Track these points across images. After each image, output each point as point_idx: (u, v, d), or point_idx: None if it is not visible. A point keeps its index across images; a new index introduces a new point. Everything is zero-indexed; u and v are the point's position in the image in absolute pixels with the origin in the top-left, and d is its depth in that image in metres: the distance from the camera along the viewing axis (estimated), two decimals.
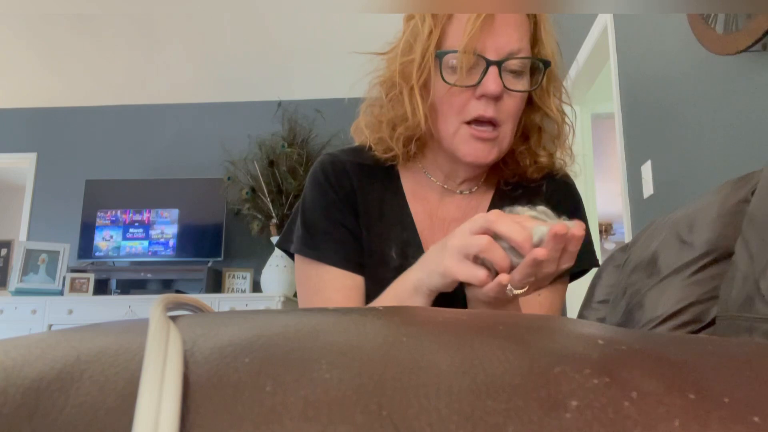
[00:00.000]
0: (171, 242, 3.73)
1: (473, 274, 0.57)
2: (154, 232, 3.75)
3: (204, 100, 4.13)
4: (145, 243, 3.73)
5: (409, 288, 0.64)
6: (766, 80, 1.29)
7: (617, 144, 2.25)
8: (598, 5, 2.25)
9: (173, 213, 3.77)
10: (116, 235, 3.75)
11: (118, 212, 3.77)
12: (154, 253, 3.71)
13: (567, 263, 0.56)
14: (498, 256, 0.56)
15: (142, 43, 3.63)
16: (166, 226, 3.75)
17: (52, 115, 4.18)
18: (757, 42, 1.22)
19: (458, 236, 0.58)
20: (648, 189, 1.96)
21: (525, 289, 0.57)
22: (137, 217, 3.77)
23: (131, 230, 3.75)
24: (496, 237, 0.56)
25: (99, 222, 3.75)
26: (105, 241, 3.73)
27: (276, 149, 3.75)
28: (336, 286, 0.77)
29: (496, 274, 0.57)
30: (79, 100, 4.15)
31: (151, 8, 3.20)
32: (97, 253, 3.71)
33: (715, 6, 1.33)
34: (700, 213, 1.02)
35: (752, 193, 0.93)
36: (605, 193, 5.83)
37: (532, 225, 0.56)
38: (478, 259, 0.58)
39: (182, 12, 3.31)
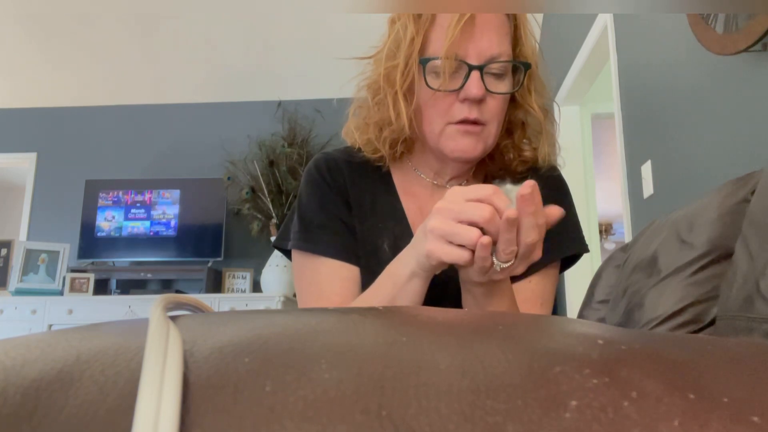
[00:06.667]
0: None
1: (458, 255, 0.58)
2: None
3: (204, 100, 4.13)
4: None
5: (406, 273, 0.64)
6: (766, 80, 1.29)
7: (617, 144, 2.25)
8: (598, 5, 2.25)
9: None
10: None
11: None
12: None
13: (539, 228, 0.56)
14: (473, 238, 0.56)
15: (142, 43, 3.63)
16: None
17: (52, 115, 4.18)
18: (757, 42, 1.23)
19: (441, 220, 0.58)
20: (648, 189, 1.96)
21: (511, 262, 0.57)
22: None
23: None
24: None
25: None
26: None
27: (276, 149, 3.74)
28: (332, 277, 0.78)
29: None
30: (79, 100, 4.14)
31: (151, 8, 3.20)
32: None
33: (715, 6, 1.33)
34: (700, 213, 1.02)
35: (752, 193, 0.93)
36: (605, 193, 5.83)
37: (502, 199, 0.56)
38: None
39: (182, 12, 3.31)
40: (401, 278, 0.65)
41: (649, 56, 1.94)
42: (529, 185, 0.54)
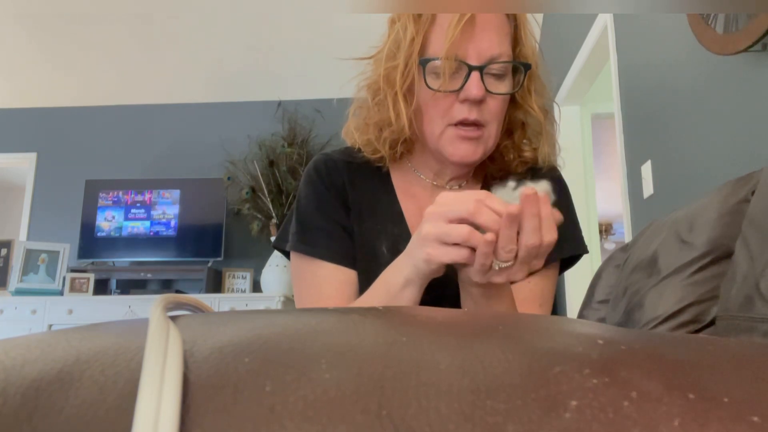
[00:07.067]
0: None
1: (456, 254, 0.58)
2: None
3: (204, 100, 4.13)
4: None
5: (400, 281, 0.64)
6: (766, 80, 1.29)
7: (617, 144, 2.25)
8: (598, 5, 2.25)
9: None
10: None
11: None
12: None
13: (549, 235, 0.56)
14: (479, 241, 0.57)
15: (142, 43, 3.63)
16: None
17: (52, 115, 4.18)
18: (757, 42, 1.22)
19: (433, 224, 0.59)
20: (648, 189, 1.95)
21: (510, 263, 0.57)
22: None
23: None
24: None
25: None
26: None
27: (276, 149, 3.74)
28: (330, 281, 0.78)
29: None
30: (79, 100, 4.14)
31: (151, 8, 3.20)
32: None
33: (715, 6, 1.33)
34: (700, 213, 1.02)
35: (752, 193, 0.93)
36: (605, 193, 5.83)
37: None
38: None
39: (182, 12, 3.31)
40: (395, 286, 0.65)
41: (649, 56, 1.94)
42: (539, 192, 0.55)
